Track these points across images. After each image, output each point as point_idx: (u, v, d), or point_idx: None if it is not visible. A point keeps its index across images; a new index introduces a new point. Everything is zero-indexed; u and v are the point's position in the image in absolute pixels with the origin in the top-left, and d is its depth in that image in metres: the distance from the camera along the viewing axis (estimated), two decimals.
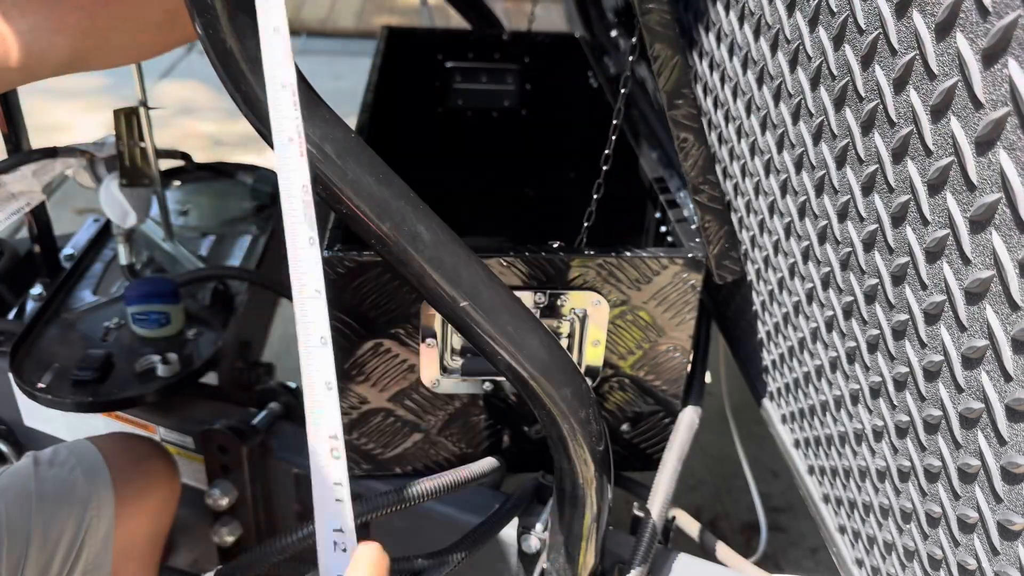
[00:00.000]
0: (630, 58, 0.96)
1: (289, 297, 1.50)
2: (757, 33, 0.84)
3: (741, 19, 0.87)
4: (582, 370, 1.01)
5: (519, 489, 1.00)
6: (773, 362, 1.00)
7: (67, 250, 1.47)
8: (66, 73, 0.74)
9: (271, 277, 1.46)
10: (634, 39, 0.92)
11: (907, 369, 0.67)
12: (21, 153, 1.23)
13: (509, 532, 0.99)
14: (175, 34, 0.75)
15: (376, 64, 1.50)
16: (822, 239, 0.79)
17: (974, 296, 0.57)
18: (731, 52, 0.91)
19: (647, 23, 0.87)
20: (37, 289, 1.38)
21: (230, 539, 1.12)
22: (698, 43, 1.04)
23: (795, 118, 0.80)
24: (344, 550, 0.56)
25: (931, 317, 0.63)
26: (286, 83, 0.54)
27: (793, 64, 0.78)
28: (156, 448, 1.16)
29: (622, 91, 0.99)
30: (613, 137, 0.98)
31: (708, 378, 1.13)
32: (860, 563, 0.86)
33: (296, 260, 0.56)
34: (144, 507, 1.07)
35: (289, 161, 0.55)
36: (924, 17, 0.57)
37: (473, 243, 0.78)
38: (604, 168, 0.96)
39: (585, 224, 1.00)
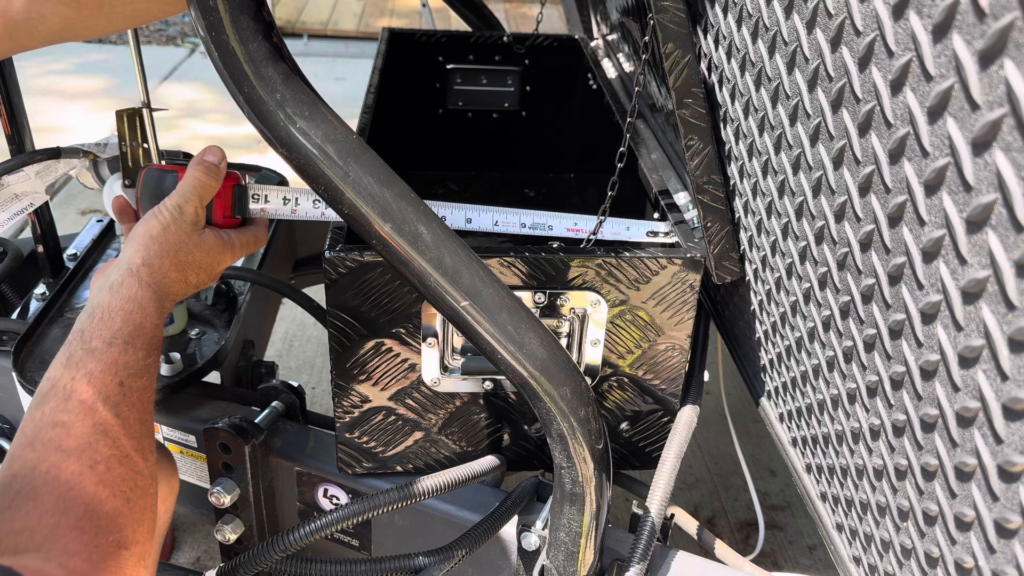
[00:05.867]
0: (643, 56, 0.96)
1: (291, 297, 1.50)
2: (755, 35, 0.84)
3: (739, 21, 0.87)
4: (581, 369, 1.01)
5: (519, 487, 1.01)
6: (771, 361, 1.00)
7: (70, 250, 1.48)
8: (59, 42, 0.72)
9: (273, 277, 1.46)
10: (647, 37, 0.92)
11: (904, 368, 0.68)
12: (25, 154, 1.23)
13: (509, 530, 0.99)
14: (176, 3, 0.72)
15: (377, 66, 1.50)
16: (819, 239, 0.80)
17: (971, 296, 0.57)
18: (729, 54, 0.91)
19: (661, 21, 0.87)
20: (40, 289, 1.39)
21: (232, 537, 1.13)
22: (696, 45, 1.05)
23: (792, 119, 0.80)
24: None
25: (928, 317, 0.63)
26: None
27: (791, 66, 0.78)
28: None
29: (636, 89, 0.99)
30: (628, 135, 0.98)
31: (706, 377, 1.14)
32: (857, 561, 0.86)
33: None
34: None
35: None
36: (921, 19, 0.57)
37: (473, 243, 0.79)
38: (619, 165, 0.97)
39: (599, 219, 1.00)
